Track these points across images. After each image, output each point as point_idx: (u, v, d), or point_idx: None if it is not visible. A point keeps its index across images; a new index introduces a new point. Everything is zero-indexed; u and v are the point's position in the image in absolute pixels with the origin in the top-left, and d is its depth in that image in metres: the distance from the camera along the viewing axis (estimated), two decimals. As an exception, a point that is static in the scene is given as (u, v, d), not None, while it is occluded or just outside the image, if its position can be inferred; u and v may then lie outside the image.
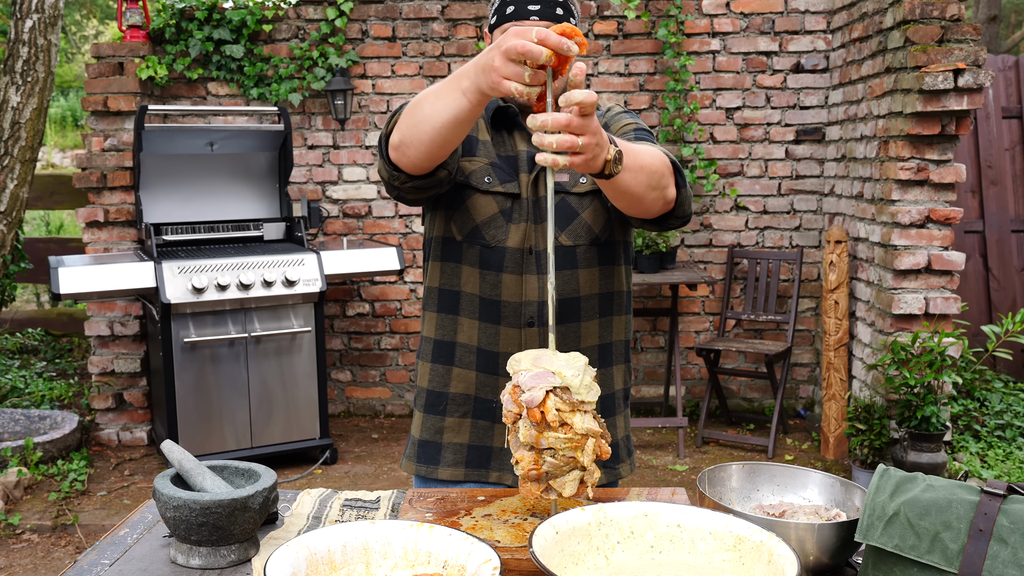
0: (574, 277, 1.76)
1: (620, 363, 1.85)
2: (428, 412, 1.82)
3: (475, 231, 1.74)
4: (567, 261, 1.75)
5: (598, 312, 1.79)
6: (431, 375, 1.82)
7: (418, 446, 1.83)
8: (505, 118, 1.79)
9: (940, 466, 3.91)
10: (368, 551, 1.22)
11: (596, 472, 1.33)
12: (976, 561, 1.14)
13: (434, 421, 1.81)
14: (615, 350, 1.83)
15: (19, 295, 7.44)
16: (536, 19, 1.66)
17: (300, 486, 4.26)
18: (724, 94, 5.22)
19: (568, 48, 1.21)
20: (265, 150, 4.94)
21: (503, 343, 1.75)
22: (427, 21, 5.22)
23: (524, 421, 1.29)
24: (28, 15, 4.96)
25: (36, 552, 3.76)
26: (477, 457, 1.79)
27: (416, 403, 1.87)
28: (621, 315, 1.84)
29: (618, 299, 1.82)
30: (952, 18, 4.01)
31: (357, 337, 5.47)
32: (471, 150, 1.76)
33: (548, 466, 1.30)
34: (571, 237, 1.75)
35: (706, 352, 4.94)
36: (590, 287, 1.77)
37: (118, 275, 4.20)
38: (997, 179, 5.62)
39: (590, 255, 1.76)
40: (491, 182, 1.74)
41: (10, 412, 4.78)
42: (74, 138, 11.61)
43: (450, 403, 1.79)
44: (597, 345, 1.79)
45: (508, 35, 1.24)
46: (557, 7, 1.67)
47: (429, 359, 1.82)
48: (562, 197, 1.75)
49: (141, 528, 1.48)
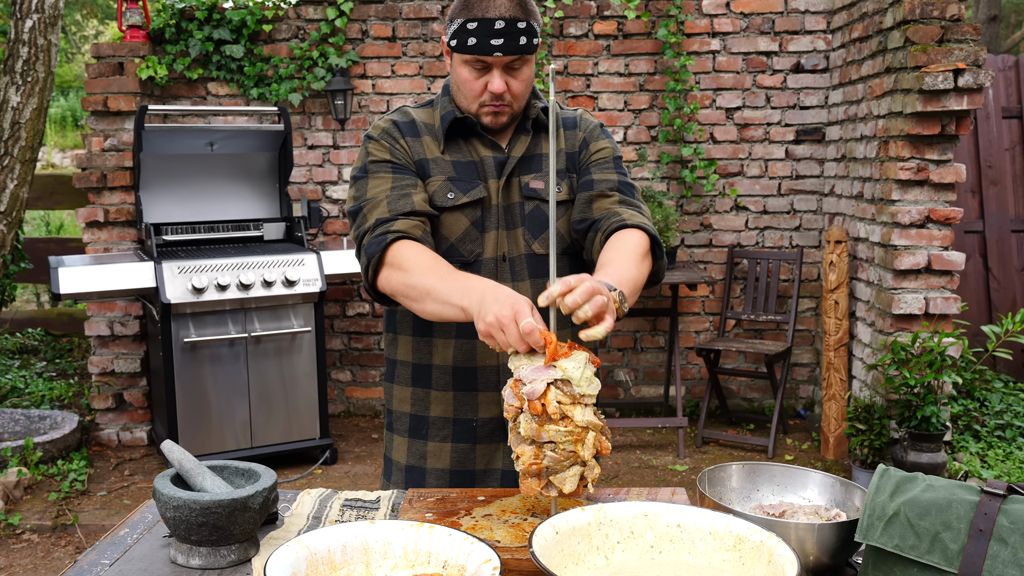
0: (546, 286, 1.73)
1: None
2: (412, 436, 1.81)
3: (451, 249, 1.72)
4: (540, 269, 1.74)
5: (570, 320, 1.77)
6: (412, 399, 1.80)
7: (405, 472, 1.82)
8: (463, 128, 1.76)
9: (940, 466, 3.91)
10: (368, 551, 1.22)
11: (596, 468, 1.33)
12: (976, 561, 1.14)
13: (418, 446, 1.80)
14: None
15: (19, 295, 7.44)
16: (500, 55, 1.62)
17: (300, 486, 4.26)
18: (724, 94, 5.21)
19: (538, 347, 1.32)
20: (265, 150, 4.94)
21: (480, 357, 1.74)
22: (427, 21, 5.22)
23: (525, 415, 1.29)
24: (28, 15, 4.96)
25: (36, 552, 3.76)
26: (460, 483, 1.77)
27: (395, 427, 1.84)
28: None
29: None
30: (952, 18, 4.01)
31: (357, 337, 5.47)
32: (425, 174, 1.74)
33: (549, 460, 1.30)
34: (543, 245, 1.74)
35: (706, 352, 4.94)
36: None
37: (118, 275, 4.20)
38: (997, 179, 5.62)
39: (563, 263, 1.77)
40: (454, 197, 1.72)
41: (10, 412, 4.78)
42: (74, 138, 11.61)
43: (431, 427, 1.78)
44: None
45: (504, 318, 1.34)
46: (520, 36, 1.63)
47: (409, 383, 1.80)
48: (536, 204, 1.75)
49: (141, 528, 1.48)
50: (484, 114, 1.71)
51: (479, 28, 1.61)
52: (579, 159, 1.81)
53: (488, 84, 1.67)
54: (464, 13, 1.64)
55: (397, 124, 1.77)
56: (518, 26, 1.62)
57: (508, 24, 1.61)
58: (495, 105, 1.69)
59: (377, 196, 1.68)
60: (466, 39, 1.63)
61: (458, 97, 1.74)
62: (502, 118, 1.72)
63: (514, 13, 1.62)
